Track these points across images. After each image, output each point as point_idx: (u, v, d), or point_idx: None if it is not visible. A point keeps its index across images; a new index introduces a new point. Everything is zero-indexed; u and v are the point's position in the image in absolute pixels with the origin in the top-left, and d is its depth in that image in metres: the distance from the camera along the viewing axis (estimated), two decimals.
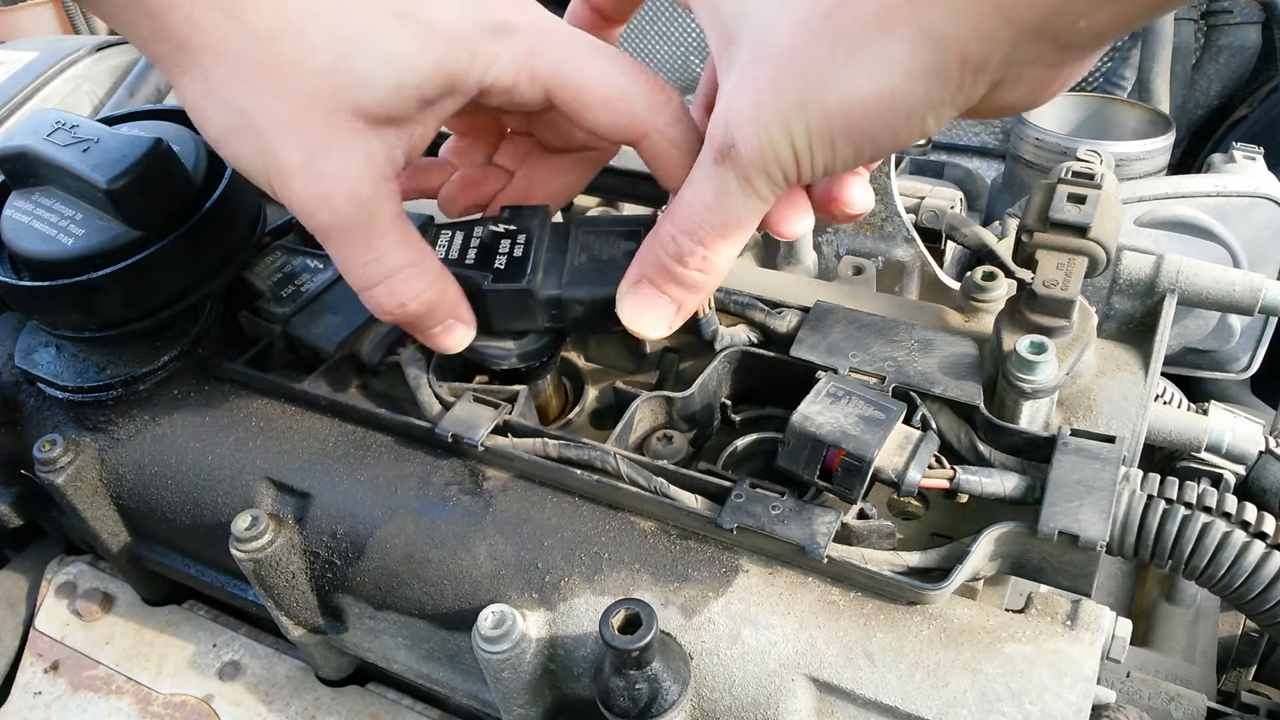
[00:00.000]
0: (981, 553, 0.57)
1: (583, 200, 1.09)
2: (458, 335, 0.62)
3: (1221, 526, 0.57)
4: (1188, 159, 1.46)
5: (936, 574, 0.57)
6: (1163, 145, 1.15)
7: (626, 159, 0.73)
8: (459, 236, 0.62)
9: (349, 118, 0.52)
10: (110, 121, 0.77)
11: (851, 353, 0.68)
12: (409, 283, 0.57)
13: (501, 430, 0.68)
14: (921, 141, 1.57)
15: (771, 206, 0.53)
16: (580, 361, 0.81)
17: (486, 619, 0.59)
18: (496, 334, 0.65)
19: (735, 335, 0.73)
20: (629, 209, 1.28)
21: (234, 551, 0.67)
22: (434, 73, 0.53)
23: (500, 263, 0.61)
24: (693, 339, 0.76)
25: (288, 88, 0.51)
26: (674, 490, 0.62)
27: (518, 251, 0.61)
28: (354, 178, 0.53)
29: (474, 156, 0.69)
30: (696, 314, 0.65)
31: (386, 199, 0.55)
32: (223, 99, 0.52)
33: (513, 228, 0.62)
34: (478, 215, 0.67)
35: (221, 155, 0.55)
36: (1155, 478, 0.61)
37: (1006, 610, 0.59)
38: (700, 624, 0.59)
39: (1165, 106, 1.30)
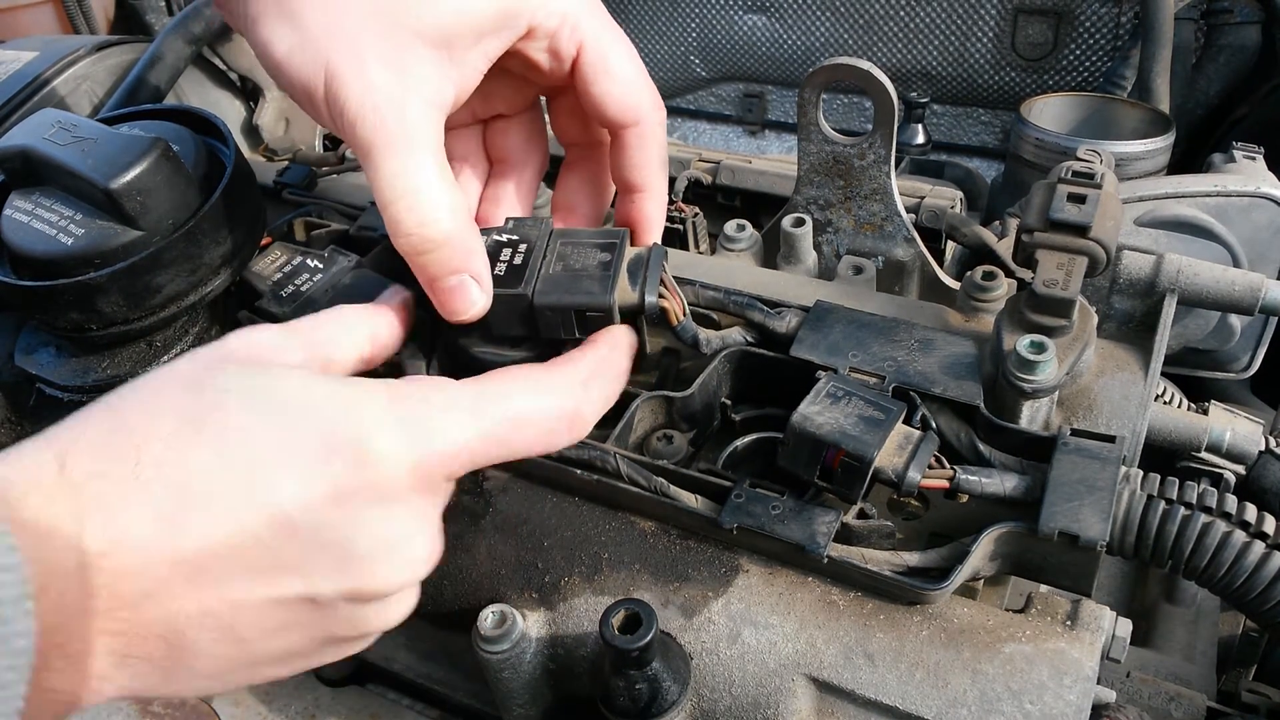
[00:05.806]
0: (981, 552, 0.57)
1: None
2: (471, 296, 0.58)
3: (1222, 526, 0.57)
4: (1188, 159, 1.46)
5: (936, 574, 0.57)
6: (1163, 145, 1.15)
7: None
8: None
9: (408, 37, 0.55)
10: (110, 121, 0.77)
11: (851, 352, 0.68)
12: (433, 203, 0.55)
13: None
14: (921, 141, 1.58)
15: None
16: None
17: (486, 619, 0.59)
18: (497, 340, 0.66)
19: (728, 336, 0.73)
20: None
21: None
22: (492, 3, 0.57)
23: (500, 270, 0.62)
24: None
25: (353, 4, 0.54)
26: (674, 490, 0.62)
27: (518, 260, 0.62)
28: (404, 94, 0.54)
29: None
30: (673, 320, 0.66)
31: (432, 125, 0.56)
32: (296, 17, 0.55)
33: (515, 237, 0.64)
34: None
35: (279, 80, 0.57)
36: (1155, 477, 0.60)
37: (1006, 610, 0.59)
38: (700, 624, 0.59)
39: (1165, 106, 1.29)
